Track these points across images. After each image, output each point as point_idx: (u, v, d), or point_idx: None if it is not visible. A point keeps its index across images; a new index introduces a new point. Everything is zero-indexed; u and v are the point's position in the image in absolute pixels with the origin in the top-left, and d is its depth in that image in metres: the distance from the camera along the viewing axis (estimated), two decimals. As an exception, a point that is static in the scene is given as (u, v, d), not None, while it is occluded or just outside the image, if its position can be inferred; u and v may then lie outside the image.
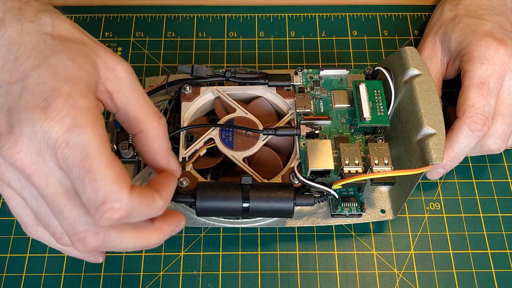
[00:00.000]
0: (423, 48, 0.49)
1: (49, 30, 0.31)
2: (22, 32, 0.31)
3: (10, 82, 0.29)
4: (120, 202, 0.28)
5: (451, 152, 0.43)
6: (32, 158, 0.29)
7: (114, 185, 0.28)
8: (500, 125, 0.43)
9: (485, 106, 0.42)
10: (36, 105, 0.28)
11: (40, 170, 0.29)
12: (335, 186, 0.40)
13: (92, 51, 0.32)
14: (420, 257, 0.44)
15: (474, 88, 0.42)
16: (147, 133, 0.34)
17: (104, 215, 0.28)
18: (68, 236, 0.31)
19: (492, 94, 0.42)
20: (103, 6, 0.57)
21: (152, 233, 0.33)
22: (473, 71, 0.43)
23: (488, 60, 0.43)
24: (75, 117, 0.28)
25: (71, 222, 0.30)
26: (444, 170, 0.45)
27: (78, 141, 0.28)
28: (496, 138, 0.43)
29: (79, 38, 0.32)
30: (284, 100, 0.46)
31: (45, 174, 0.29)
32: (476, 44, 0.44)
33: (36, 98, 0.28)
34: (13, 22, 0.31)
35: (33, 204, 0.31)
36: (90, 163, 0.28)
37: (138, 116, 0.33)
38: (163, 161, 0.35)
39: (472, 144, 0.43)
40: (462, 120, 0.42)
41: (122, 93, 0.33)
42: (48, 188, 0.29)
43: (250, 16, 0.57)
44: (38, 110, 0.28)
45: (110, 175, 0.28)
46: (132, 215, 0.30)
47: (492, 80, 0.42)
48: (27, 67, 0.30)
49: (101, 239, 0.30)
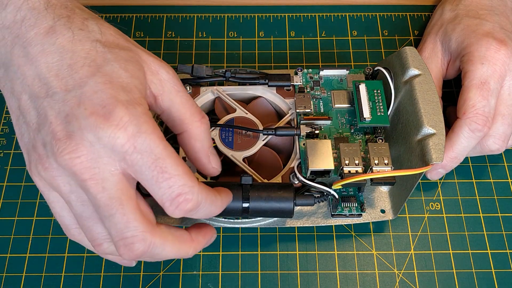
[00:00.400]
0: (424, 48, 0.49)
1: (98, 37, 0.33)
2: (73, 39, 0.32)
3: (66, 89, 0.31)
4: (192, 193, 0.31)
5: (452, 152, 0.43)
6: (92, 163, 0.30)
7: (186, 179, 0.31)
8: (500, 126, 0.43)
9: (485, 107, 0.42)
10: (97, 113, 0.30)
11: (98, 175, 0.30)
12: (335, 186, 0.40)
13: (138, 56, 0.34)
14: (420, 257, 0.44)
15: (474, 89, 0.42)
16: (190, 132, 0.35)
17: (180, 206, 0.31)
18: (114, 241, 0.32)
19: (492, 94, 0.42)
20: (103, 6, 0.57)
21: (190, 244, 0.35)
22: (474, 72, 0.43)
23: (488, 60, 0.43)
24: (137, 123, 0.30)
25: (121, 227, 0.31)
26: (445, 171, 0.45)
27: (145, 146, 0.30)
28: (496, 139, 0.43)
29: (125, 44, 0.34)
30: (284, 100, 0.46)
31: (103, 178, 0.30)
32: (476, 44, 0.44)
33: (96, 106, 0.30)
34: (64, 30, 0.32)
35: (79, 208, 0.32)
36: (162, 164, 0.30)
37: (181, 116, 0.35)
38: (204, 160, 0.36)
39: (473, 145, 0.43)
40: (463, 120, 0.42)
41: (166, 95, 0.34)
42: (104, 192, 0.30)
43: (250, 16, 0.57)
44: (100, 118, 0.29)
45: (181, 171, 0.31)
46: (200, 208, 0.32)
47: (492, 80, 0.42)
48: (83, 75, 0.31)
49: (147, 245, 0.31)
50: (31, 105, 0.32)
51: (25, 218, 0.45)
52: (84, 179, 0.30)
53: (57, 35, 0.32)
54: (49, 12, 0.32)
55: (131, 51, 0.34)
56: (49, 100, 0.31)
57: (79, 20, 0.33)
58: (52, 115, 0.31)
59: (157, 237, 0.32)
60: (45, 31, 0.32)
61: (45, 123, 0.31)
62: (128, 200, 0.31)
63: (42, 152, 0.31)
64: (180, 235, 0.35)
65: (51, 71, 0.31)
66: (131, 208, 0.31)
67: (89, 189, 0.30)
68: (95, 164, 0.30)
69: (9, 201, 0.46)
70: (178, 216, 0.32)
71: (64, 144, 0.30)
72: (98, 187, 0.30)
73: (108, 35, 0.33)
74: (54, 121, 0.30)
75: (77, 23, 0.33)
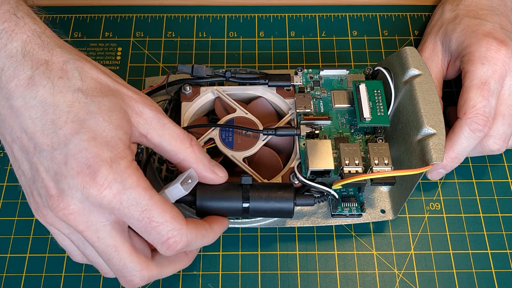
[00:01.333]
0: (424, 48, 0.49)
1: (79, 86, 0.33)
2: (54, 91, 0.32)
3: (52, 147, 0.31)
4: (180, 235, 0.33)
5: (452, 152, 0.43)
6: (84, 217, 0.32)
7: (173, 224, 0.33)
8: (501, 126, 0.43)
9: (486, 107, 0.42)
10: (83, 173, 0.31)
11: (92, 227, 0.32)
12: (335, 186, 0.40)
13: (121, 100, 0.34)
14: (420, 257, 0.44)
15: (475, 89, 0.42)
16: (187, 160, 0.37)
17: (170, 247, 0.33)
18: (116, 276, 0.35)
19: (493, 94, 0.42)
20: (103, 6, 0.57)
21: (185, 260, 0.38)
22: (474, 72, 0.43)
23: (489, 60, 0.43)
24: (121, 180, 0.31)
25: (119, 268, 0.34)
26: (445, 171, 0.45)
27: (131, 200, 0.32)
28: (497, 139, 0.43)
29: (106, 87, 0.34)
30: (284, 100, 0.46)
31: (96, 229, 0.32)
32: (477, 44, 0.44)
33: (81, 165, 0.31)
34: (44, 80, 0.32)
35: (80, 246, 0.35)
36: (149, 214, 0.32)
37: (174, 148, 0.36)
38: (211, 176, 0.38)
39: (473, 145, 0.43)
40: (463, 120, 0.42)
41: (155, 132, 0.35)
42: (99, 241, 0.33)
43: (250, 16, 0.57)
44: (86, 178, 0.31)
45: (167, 217, 0.33)
46: (191, 245, 0.34)
47: (493, 80, 0.42)
48: (67, 132, 0.31)
49: (146, 279, 0.34)
50: (23, 157, 0.33)
51: (25, 218, 0.45)
52: (80, 230, 0.32)
53: (37, 87, 0.32)
54: (27, 60, 0.32)
55: (114, 96, 0.34)
56: (38, 156, 0.32)
57: (58, 65, 0.33)
58: (43, 171, 0.32)
59: (153, 270, 0.35)
60: (24, 82, 0.32)
61: (38, 178, 0.32)
62: (123, 245, 0.33)
63: (39, 201, 0.33)
64: (175, 257, 0.37)
65: (36, 126, 0.32)
66: (126, 252, 0.33)
67: (86, 238, 0.33)
68: (87, 218, 0.32)
69: (9, 201, 0.46)
70: (171, 254, 0.34)
71: (57, 201, 0.31)
72: (93, 237, 0.32)
73: (89, 81, 0.33)
74: (45, 177, 0.32)
75: (56, 70, 0.32)
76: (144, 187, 0.32)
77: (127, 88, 0.35)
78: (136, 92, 0.36)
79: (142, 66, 0.53)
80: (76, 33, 0.55)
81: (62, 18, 0.56)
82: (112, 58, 0.54)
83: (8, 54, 0.32)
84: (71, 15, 0.56)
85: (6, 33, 0.32)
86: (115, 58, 0.54)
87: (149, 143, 0.36)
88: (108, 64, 0.53)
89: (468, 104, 0.42)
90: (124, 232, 0.34)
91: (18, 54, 0.32)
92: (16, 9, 0.33)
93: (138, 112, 0.35)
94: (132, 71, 0.53)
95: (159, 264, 0.36)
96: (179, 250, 0.34)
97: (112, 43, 0.55)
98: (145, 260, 0.34)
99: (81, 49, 0.54)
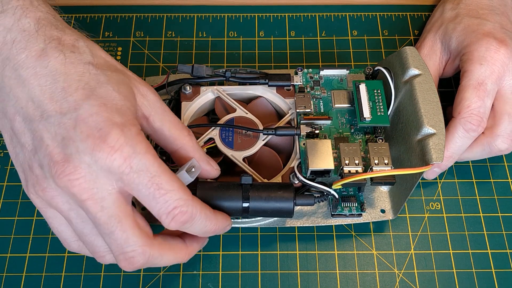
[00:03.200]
0: (422, 45, 0.49)
1: (90, 60, 0.33)
2: (65, 62, 0.32)
3: (61, 112, 0.31)
4: (187, 206, 0.33)
5: (446, 151, 0.43)
6: (90, 184, 0.31)
7: (181, 194, 0.33)
8: (508, 125, 0.43)
9: (480, 107, 0.42)
10: (93, 135, 0.30)
11: (97, 195, 0.31)
12: (335, 186, 0.40)
13: (128, 79, 0.35)
14: (420, 257, 0.44)
15: (471, 89, 0.43)
16: (185, 147, 0.37)
17: (175, 217, 0.32)
18: (115, 255, 0.33)
19: (488, 95, 0.43)
20: (103, 6, 0.57)
21: (185, 251, 0.37)
22: (472, 72, 0.43)
23: (487, 60, 0.43)
24: (132, 144, 0.31)
25: (121, 242, 0.32)
26: (440, 170, 0.45)
27: (141, 165, 0.31)
28: (505, 138, 0.44)
29: (115, 66, 0.35)
30: (284, 100, 0.46)
31: (101, 198, 0.31)
32: (476, 44, 0.44)
33: (92, 128, 0.31)
34: (56, 52, 0.32)
35: (79, 225, 0.33)
36: (158, 181, 0.32)
37: (173, 134, 0.37)
38: (206, 167, 0.38)
39: (467, 144, 0.43)
40: (457, 120, 0.43)
41: (157, 115, 0.36)
42: (102, 211, 0.32)
43: (250, 16, 0.57)
44: (97, 140, 0.30)
45: (176, 186, 0.32)
46: (195, 220, 0.34)
47: (489, 81, 0.43)
48: (78, 98, 0.31)
49: (147, 258, 0.33)
50: (25, 127, 0.32)
51: (25, 218, 0.45)
52: (83, 200, 0.31)
53: (49, 58, 0.32)
54: (40, 35, 0.33)
55: (122, 74, 0.35)
56: (45, 123, 0.31)
57: (69, 42, 0.33)
58: (48, 138, 0.31)
59: (155, 249, 0.34)
60: (36, 54, 0.32)
61: (41, 146, 0.31)
62: (126, 217, 0.32)
63: (39, 173, 0.32)
64: (175, 244, 0.36)
65: (45, 94, 0.31)
66: (129, 225, 0.32)
67: (88, 209, 0.31)
68: (93, 185, 0.31)
69: (9, 201, 0.46)
70: (174, 228, 0.33)
71: (62, 167, 0.30)
72: (97, 206, 0.31)
73: (99, 58, 0.34)
74: (50, 144, 0.31)
75: (68, 46, 0.33)
76: (154, 155, 0.32)
77: (132, 73, 0.36)
78: (140, 78, 0.37)
79: (142, 66, 0.53)
80: (76, 33, 0.55)
81: (62, 18, 0.56)
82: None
83: (21, 28, 0.33)
84: (71, 15, 0.56)
85: (21, 9, 0.33)
86: (115, 58, 0.53)
87: (149, 126, 0.36)
88: (108, 64, 0.53)
89: (463, 104, 0.42)
90: (128, 205, 0.33)
91: (31, 29, 0.33)
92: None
93: (143, 94, 0.35)
94: (132, 71, 0.52)
95: (161, 245, 0.35)
96: (184, 222, 0.33)
97: (112, 43, 0.55)
98: (147, 236, 0.34)
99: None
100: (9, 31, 0.32)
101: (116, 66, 0.35)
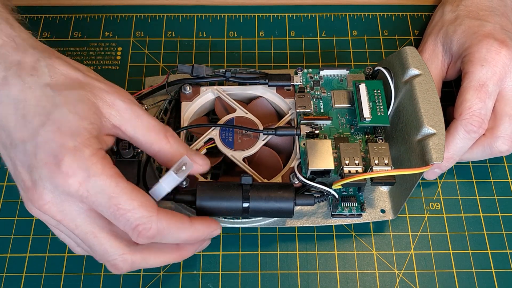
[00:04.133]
0: (424, 49, 0.49)
1: (48, 81, 0.34)
2: (24, 88, 0.33)
3: (23, 141, 0.33)
4: (150, 223, 0.33)
5: (447, 153, 0.43)
6: (58, 207, 0.33)
7: (142, 211, 0.33)
8: (508, 126, 0.43)
9: (481, 109, 0.42)
10: (49, 163, 0.32)
11: (67, 215, 0.33)
12: (335, 186, 0.40)
13: (90, 93, 0.34)
14: (420, 257, 0.44)
15: (472, 90, 0.43)
16: (163, 151, 0.37)
17: (140, 234, 0.33)
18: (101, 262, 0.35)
19: (490, 96, 0.43)
20: (103, 6, 0.57)
21: (176, 254, 0.37)
22: (473, 73, 0.43)
23: (489, 62, 0.43)
24: (86, 168, 0.32)
25: (101, 253, 0.34)
26: (440, 170, 0.45)
27: (97, 188, 0.32)
28: (505, 139, 0.44)
29: (75, 81, 0.35)
30: (284, 100, 0.46)
31: (72, 218, 0.33)
32: (477, 45, 0.44)
33: (48, 156, 0.32)
34: (15, 79, 0.33)
35: (71, 235, 0.36)
36: (116, 201, 0.32)
37: (149, 140, 0.36)
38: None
39: (468, 145, 0.43)
40: (459, 121, 0.43)
41: (128, 123, 0.36)
42: (78, 229, 0.33)
43: (250, 16, 0.57)
44: (53, 167, 0.32)
45: (135, 204, 0.33)
46: (164, 234, 0.34)
47: (491, 83, 0.43)
48: (35, 125, 0.33)
49: (129, 264, 0.35)
50: (5, 153, 0.35)
51: (25, 218, 0.45)
52: (58, 220, 0.33)
53: (10, 86, 0.33)
54: (1, 63, 0.34)
55: (83, 89, 0.34)
56: (15, 151, 0.33)
57: (30, 64, 0.34)
58: (19, 165, 0.33)
59: (137, 255, 0.35)
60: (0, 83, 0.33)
61: (17, 172, 0.34)
62: (101, 231, 0.34)
63: (23, 194, 0.34)
64: (164, 247, 0.37)
65: (10, 122, 0.33)
66: (105, 237, 0.34)
67: (66, 227, 0.34)
68: (61, 207, 0.33)
69: (9, 201, 0.46)
70: (144, 242, 0.34)
71: (32, 193, 0.33)
72: (71, 225, 0.33)
73: (58, 76, 0.34)
74: (22, 171, 0.33)
75: (28, 69, 0.34)
76: (110, 175, 0.32)
77: (99, 81, 0.36)
78: (109, 85, 0.36)
79: (142, 66, 0.53)
80: (76, 33, 0.55)
81: (62, 18, 0.56)
82: (112, 58, 0.54)
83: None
84: (71, 15, 0.56)
85: None
86: (115, 58, 0.54)
87: (124, 135, 0.36)
88: (108, 64, 0.53)
89: (465, 105, 0.42)
90: (101, 218, 0.34)
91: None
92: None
93: (110, 104, 0.35)
94: (132, 71, 0.53)
95: (143, 250, 0.35)
96: (151, 237, 0.33)
97: (112, 43, 0.55)
98: (126, 244, 0.34)
99: (81, 49, 0.54)
100: None
101: (77, 80, 0.35)
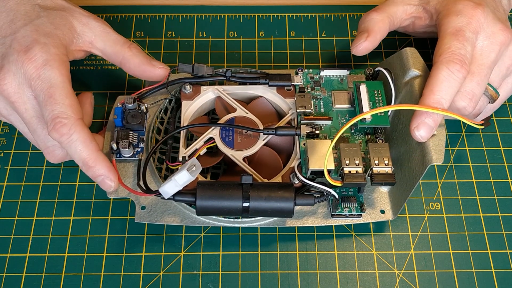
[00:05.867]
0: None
1: (38, 2, 0.44)
2: (19, 2, 0.43)
3: (5, 36, 0.42)
4: (68, 119, 0.39)
5: (433, 95, 0.40)
6: (15, 88, 0.40)
7: (67, 109, 0.39)
8: (468, 82, 0.41)
9: (461, 49, 0.41)
10: (20, 50, 0.40)
11: (21, 98, 0.40)
12: (334, 182, 0.40)
13: (69, 14, 0.44)
14: (420, 257, 0.44)
15: (449, 35, 0.42)
16: (125, 57, 0.45)
17: (55, 126, 0.38)
18: (41, 150, 0.43)
19: (468, 41, 0.41)
20: (103, 6, 0.57)
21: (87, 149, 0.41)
22: (449, 22, 0.42)
23: (464, 14, 0.42)
24: (46, 59, 0.40)
25: (42, 138, 0.41)
26: (432, 120, 0.40)
27: (46, 75, 0.39)
28: (463, 95, 0.41)
29: (60, 6, 0.44)
30: (285, 100, 0.46)
31: (24, 101, 0.40)
32: (454, 2, 0.43)
33: (21, 45, 0.40)
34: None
35: (19, 127, 0.44)
36: (53, 91, 0.39)
37: (114, 50, 0.45)
38: (149, 67, 0.45)
39: (454, 86, 0.40)
40: (439, 61, 0.41)
41: (99, 38, 0.45)
42: (26, 112, 0.41)
43: (250, 16, 0.57)
44: (21, 53, 0.40)
45: (66, 101, 0.39)
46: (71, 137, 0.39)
47: (467, 30, 0.42)
48: (18, 26, 0.42)
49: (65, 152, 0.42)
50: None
51: (25, 218, 0.45)
52: (12, 101, 0.41)
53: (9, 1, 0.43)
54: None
55: (64, 11, 0.44)
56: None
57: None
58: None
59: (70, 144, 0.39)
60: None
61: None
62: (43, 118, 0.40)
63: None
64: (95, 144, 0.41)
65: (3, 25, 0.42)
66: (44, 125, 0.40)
67: (17, 110, 0.41)
68: (17, 89, 0.40)
69: (9, 201, 0.46)
70: (55, 139, 0.39)
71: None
72: (22, 108, 0.41)
73: (47, 0, 0.44)
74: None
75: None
76: (62, 73, 0.40)
77: (80, 8, 0.45)
78: (87, 12, 0.45)
79: (142, 66, 0.53)
80: (76, 32, 0.55)
81: None
82: (112, 58, 0.54)
83: None
84: (71, 15, 0.56)
85: None
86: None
87: (96, 49, 0.45)
88: (108, 64, 0.53)
89: (443, 47, 0.41)
90: None
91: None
92: None
93: (85, 23, 0.44)
94: (132, 71, 0.53)
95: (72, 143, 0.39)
96: (62, 134, 0.38)
97: (112, 42, 0.55)
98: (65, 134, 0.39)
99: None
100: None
101: (62, 5, 0.44)
